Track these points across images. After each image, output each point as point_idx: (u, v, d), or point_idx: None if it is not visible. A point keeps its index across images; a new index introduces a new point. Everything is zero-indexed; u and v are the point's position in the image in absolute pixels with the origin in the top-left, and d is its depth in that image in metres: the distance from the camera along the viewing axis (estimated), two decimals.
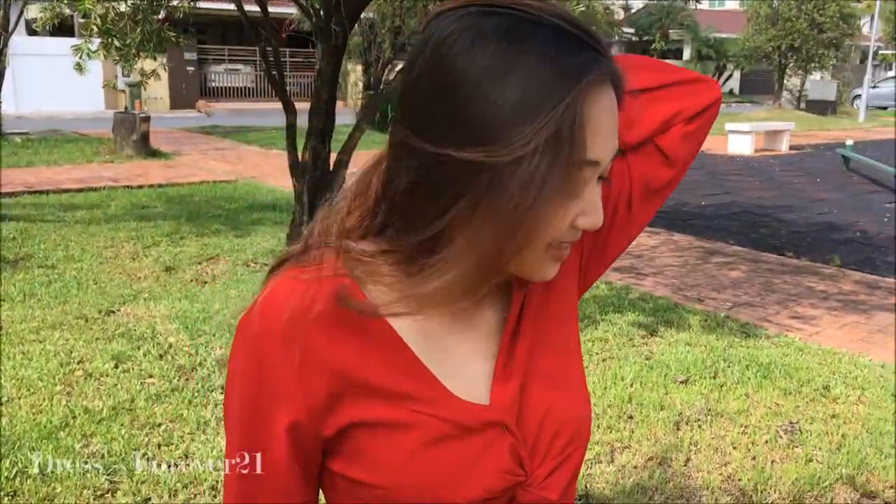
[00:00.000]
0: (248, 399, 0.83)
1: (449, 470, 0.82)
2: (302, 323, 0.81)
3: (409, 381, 0.84)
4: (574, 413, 0.92)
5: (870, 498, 3.48)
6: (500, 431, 0.86)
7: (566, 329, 0.97)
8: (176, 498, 3.20)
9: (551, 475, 0.88)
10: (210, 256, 6.75)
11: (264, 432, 0.83)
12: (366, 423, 0.83)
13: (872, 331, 5.51)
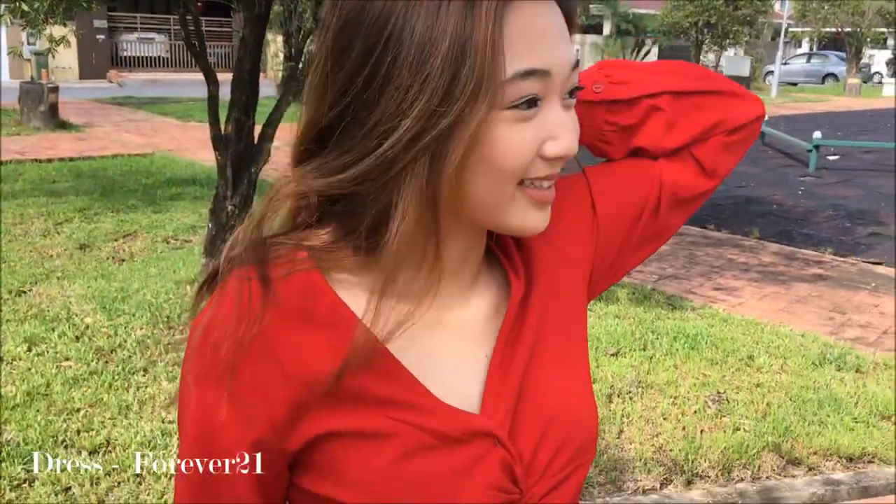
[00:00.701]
0: (204, 414, 0.73)
1: (431, 487, 0.74)
2: (253, 323, 0.72)
3: (386, 384, 0.74)
4: (579, 426, 0.82)
5: (794, 464, 3.57)
6: (490, 444, 0.76)
7: (572, 334, 0.87)
8: (98, 486, 3.05)
9: (550, 494, 0.79)
10: (127, 233, 6.48)
11: (220, 453, 0.74)
12: (336, 434, 0.73)
13: (792, 301, 5.67)
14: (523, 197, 0.75)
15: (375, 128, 0.69)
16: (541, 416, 0.80)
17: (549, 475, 0.79)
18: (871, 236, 7.63)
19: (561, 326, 0.86)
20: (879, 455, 3.64)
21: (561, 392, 0.82)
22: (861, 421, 3.90)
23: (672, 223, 0.97)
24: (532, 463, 0.78)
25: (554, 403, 0.81)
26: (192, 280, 5.15)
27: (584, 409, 0.84)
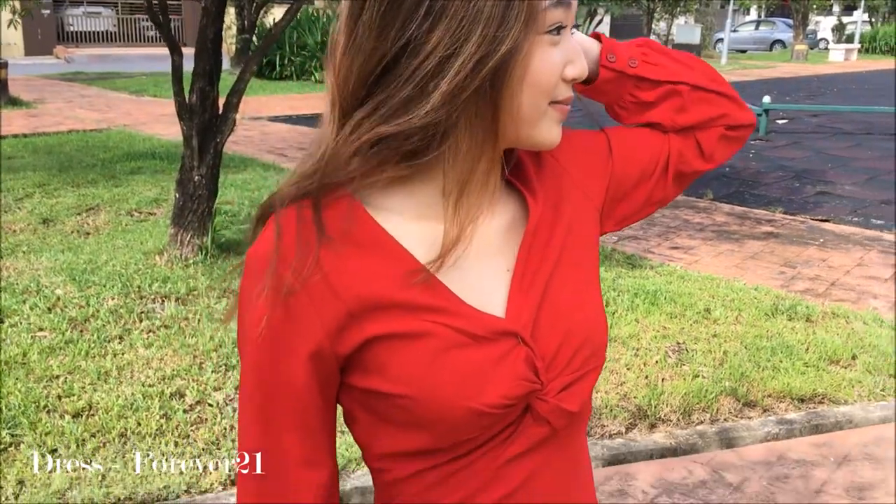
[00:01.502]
0: (262, 328, 0.82)
1: (465, 376, 0.83)
2: (311, 249, 0.82)
3: (423, 294, 0.84)
4: (594, 332, 0.92)
5: (750, 407, 3.77)
6: (515, 342, 0.86)
7: (586, 254, 0.98)
8: (84, 447, 3.13)
9: (568, 389, 0.89)
10: (89, 207, 6.46)
11: (283, 362, 0.83)
12: (382, 337, 0.83)
13: (745, 257, 5.89)
14: (553, 112, 0.88)
15: (440, 57, 0.78)
16: (559, 321, 0.90)
17: (566, 372, 0.89)
18: (818, 195, 7.90)
19: (575, 247, 0.97)
20: (829, 396, 3.86)
21: (576, 302, 0.93)
22: (811, 365, 4.12)
23: (669, 194, 1.10)
24: (552, 360, 0.88)
25: (570, 311, 0.92)
26: (160, 251, 5.18)
27: (597, 318, 0.95)
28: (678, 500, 3.05)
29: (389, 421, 0.87)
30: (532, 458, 0.90)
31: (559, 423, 0.89)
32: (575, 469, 0.96)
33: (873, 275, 5.58)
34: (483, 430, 0.86)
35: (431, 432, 0.85)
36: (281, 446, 0.86)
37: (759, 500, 3.08)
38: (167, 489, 2.94)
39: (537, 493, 0.91)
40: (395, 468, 0.89)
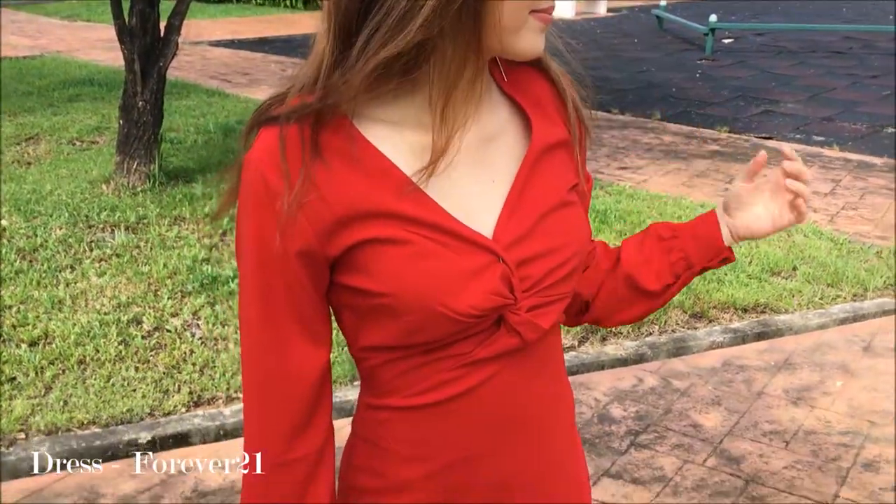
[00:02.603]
0: (260, 230, 0.90)
1: (440, 285, 0.90)
2: (302, 157, 0.88)
3: (409, 205, 0.91)
4: (576, 258, 0.99)
5: (697, 318, 3.92)
6: (493, 259, 0.93)
7: (573, 177, 1.04)
8: (43, 375, 3.13)
9: (542, 307, 0.96)
10: (29, 136, 6.28)
11: (278, 259, 0.91)
12: (367, 242, 0.90)
13: (692, 175, 6.02)
14: (533, 21, 0.91)
15: None
16: (545, 244, 0.97)
17: (543, 293, 0.96)
18: (762, 114, 8.04)
19: (565, 169, 1.03)
20: (771, 305, 4.02)
21: (564, 228, 0.99)
22: (755, 277, 4.27)
23: None
24: (530, 280, 0.95)
25: (557, 236, 0.98)
26: (106, 179, 5.09)
27: (581, 239, 1.01)
28: (629, 407, 3.19)
29: (370, 317, 0.94)
30: (500, 363, 0.97)
31: (530, 336, 0.96)
32: (546, 380, 1.03)
33: (814, 189, 5.74)
34: (454, 333, 0.93)
35: (406, 330, 0.92)
36: (281, 332, 0.94)
37: (704, 403, 3.23)
38: (131, 412, 2.98)
39: (501, 396, 0.98)
40: (373, 357, 0.98)
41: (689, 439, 2.97)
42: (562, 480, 1.09)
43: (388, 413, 0.99)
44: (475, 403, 0.97)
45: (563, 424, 1.09)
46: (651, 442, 2.96)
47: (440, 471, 1.00)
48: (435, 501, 1.01)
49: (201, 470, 2.74)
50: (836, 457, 2.88)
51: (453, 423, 0.98)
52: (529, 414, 1.02)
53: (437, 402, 0.97)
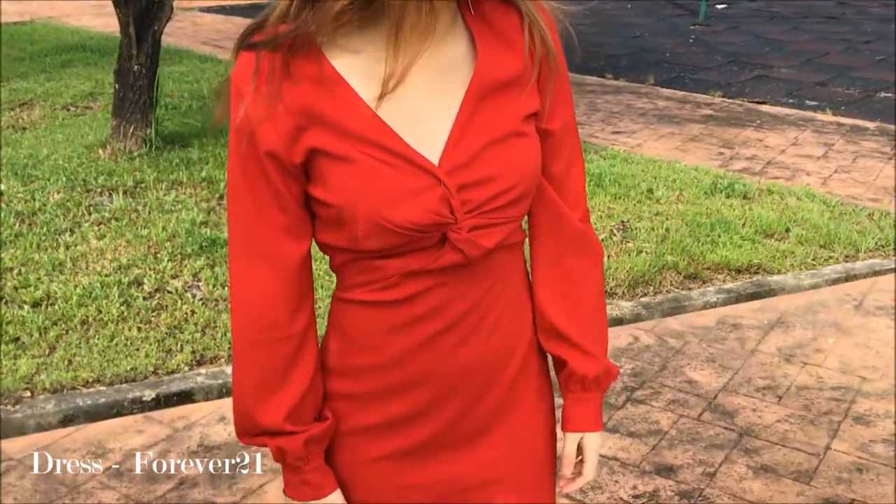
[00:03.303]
0: (238, 134, 1.03)
1: (383, 200, 1.02)
2: (271, 76, 1.01)
3: (362, 126, 1.02)
4: (519, 181, 1.07)
5: (691, 279, 3.97)
6: (434, 181, 1.04)
7: (529, 109, 1.10)
8: (47, 335, 3.16)
9: (486, 228, 1.07)
10: (22, 102, 6.25)
11: (255, 157, 1.04)
12: (323, 152, 1.03)
13: (685, 140, 6.05)
14: None
15: None
16: (486, 167, 1.06)
17: (487, 216, 1.06)
18: (755, 79, 8.05)
19: (516, 106, 1.09)
20: (764, 266, 4.08)
21: (509, 155, 1.07)
22: (748, 239, 4.32)
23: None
24: (472, 202, 1.05)
25: (500, 159, 1.06)
26: (102, 144, 5.09)
27: (527, 168, 1.09)
28: (625, 364, 3.25)
29: (329, 223, 1.08)
30: (447, 275, 1.09)
31: (472, 253, 1.07)
32: (497, 294, 1.14)
33: (807, 153, 5.79)
34: (400, 244, 1.05)
35: (357, 237, 1.06)
36: (266, 216, 1.07)
37: (699, 360, 3.29)
38: (135, 371, 3.02)
39: (450, 302, 1.10)
40: (336, 257, 1.12)
41: (683, 395, 3.04)
42: (505, 380, 1.19)
43: (351, 306, 1.14)
44: (426, 305, 1.10)
45: (516, 334, 1.19)
46: (647, 397, 3.02)
47: (393, 362, 1.13)
48: (388, 388, 1.14)
49: (206, 425, 2.79)
50: (828, 411, 2.95)
51: (405, 321, 1.11)
52: (477, 321, 1.13)
53: (392, 301, 1.10)
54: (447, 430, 1.17)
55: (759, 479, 2.57)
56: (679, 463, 2.65)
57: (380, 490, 1.19)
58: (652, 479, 2.56)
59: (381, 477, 1.19)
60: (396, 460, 1.18)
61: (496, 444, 1.21)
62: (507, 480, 1.22)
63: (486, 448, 1.20)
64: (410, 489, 1.19)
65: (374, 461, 1.18)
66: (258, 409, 1.12)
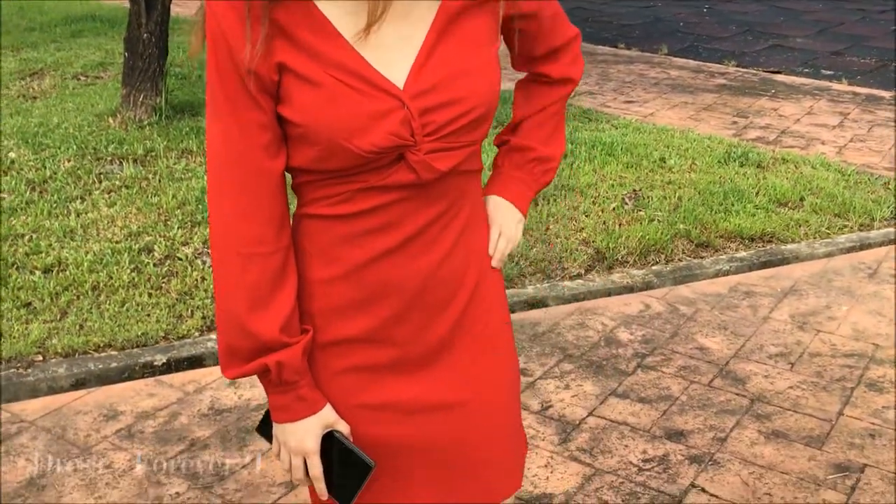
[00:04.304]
0: (214, 50, 1.07)
1: (346, 123, 1.07)
2: (260, 11, 1.05)
3: (333, 50, 1.07)
4: (478, 104, 1.13)
5: (703, 247, 3.94)
6: (398, 104, 1.08)
7: (486, 22, 1.16)
8: (59, 300, 3.17)
9: (441, 152, 1.12)
10: (33, 71, 6.24)
11: (231, 65, 1.07)
12: (293, 72, 1.07)
13: (699, 109, 5.98)
14: None
15: None
16: (449, 91, 1.10)
17: (444, 140, 1.11)
18: (770, 48, 7.96)
19: (481, 32, 1.15)
20: (777, 235, 4.04)
21: (471, 82, 1.12)
22: (761, 208, 4.28)
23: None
24: (431, 126, 1.10)
25: (463, 87, 1.11)
26: (112, 113, 5.07)
27: (487, 92, 1.14)
28: (636, 331, 3.23)
29: (293, 142, 1.12)
30: (401, 193, 1.13)
31: (426, 175, 1.12)
32: (448, 217, 1.19)
33: (822, 122, 5.72)
34: (359, 164, 1.10)
35: (318, 157, 1.11)
36: (250, 133, 1.09)
37: (710, 327, 3.27)
38: (145, 335, 3.02)
39: (400, 217, 1.15)
40: (299, 176, 1.17)
41: (695, 361, 3.02)
42: (462, 299, 1.23)
43: (310, 220, 1.18)
44: (380, 219, 1.15)
45: (474, 253, 1.25)
46: (657, 364, 3.01)
47: (352, 275, 1.17)
48: (349, 303, 1.18)
49: (217, 389, 2.80)
50: (841, 377, 2.93)
51: (360, 232, 1.15)
52: (434, 237, 1.18)
53: (347, 214, 1.15)
54: (407, 348, 1.21)
55: (770, 444, 2.56)
56: (690, 428, 2.64)
57: (337, 407, 1.22)
58: (662, 444, 2.56)
59: (340, 393, 1.22)
60: (355, 378, 1.21)
61: (456, 366, 1.24)
62: (469, 404, 1.25)
63: (446, 370, 1.24)
64: (366, 408, 1.22)
65: (333, 376, 1.21)
66: (255, 323, 1.13)
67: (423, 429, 1.24)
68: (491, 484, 1.30)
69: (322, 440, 1.20)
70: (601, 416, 2.69)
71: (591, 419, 2.67)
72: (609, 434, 2.60)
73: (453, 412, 1.25)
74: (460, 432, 1.25)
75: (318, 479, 1.21)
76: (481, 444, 1.28)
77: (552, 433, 2.60)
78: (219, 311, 1.16)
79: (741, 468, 2.45)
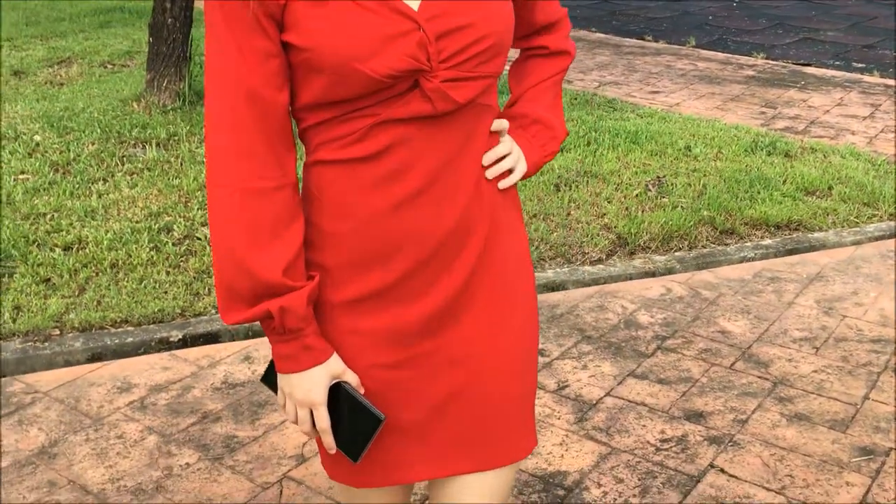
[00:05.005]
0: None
1: (360, 43, 1.02)
2: None
3: None
4: (493, 32, 1.09)
5: (727, 234, 3.87)
6: (414, 26, 1.04)
7: None
8: (77, 276, 3.18)
9: (458, 81, 1.08)
10: (61, 59, 6.30)
11: (239, 11, 1.04)
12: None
13: (726, 100, 5.89)
14: None
15: None
16: (463, 16, 1.07)
17: (460, 68, 1.08)
18: (801, 41, 7.83)
19: None
20: (804, 223, 3.96)
21: (483, 7, 1.09)
22: (788, 196, 4.20)
23: None
24: (448, 51, 1.07)
25: (477, 9, 1.08)
26: (137, 98, 5.10)
27: (500, 21, 1.11)
28: (656, 314, 3.17)
29: (300, 73, 1.07)
30: (414, 127, 1.09)
31: (441, 105, 1.08)
32: (469, 160, 1.15)
33: (853, 113, 5.61)
34: (371, 92, 1.05)
35: (328, 84, 1.05)
36: (253, 62, 1.05)
37: (733, 311, 3.21)
38: (162, 312, 3.02)
39: (414, 158, 1.10)
40: (307, 118, 1.12)
41: (716, 344, 2.96)
42: (477, 234, 1.18)
43: (321, 168, 1.13)
44: (396, 160, 1.09)
45: (490, 195, 1.19)
46: (678, 346, 2.95)
47: (369, 227, 1.12)
48: (364, 258, 1.13)
49: (231, 364, 2.79)
50: (867, 362, 2.85)
51: (376, 177, 1.10)
52: (452, 184, 1.13)
53: (361, 158, 1.10)
54: (422, 302, 1.17)
55: (793, 427, 2.50)
56: (710, 409, 2.58)
57: (350, 367, 1.18)
58: (681, 424, 2.50)
59: (353, 353, 1.18)
60: (370, 336, 1.17)
61: (472, 318, 1.20)
62: (485, 358, 1.21)
63: (462, 323, 1.19)
64: (380, 367, 1.18)
65: (346, 335, 1.17)
66: (255, 260, 1.08)
67: (438, 385, 1.20)
68: (508, 441, 1.25)
69: (329, 392, 1.16)
70: (619, 396, 2.64)
71: (608, 399, 2.62)
72: (626, 414, 2.55)
73: (469, 366, 1.20)
74: (476, 387, 1.21)
75: (326, 433, 1.16)
76: (497, 399, 1.23)
77: (568, 412, 2.55)
78: (216, 250, 1.11)
79: (762, 450, 2.39)
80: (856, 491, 2.22)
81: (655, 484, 2.24)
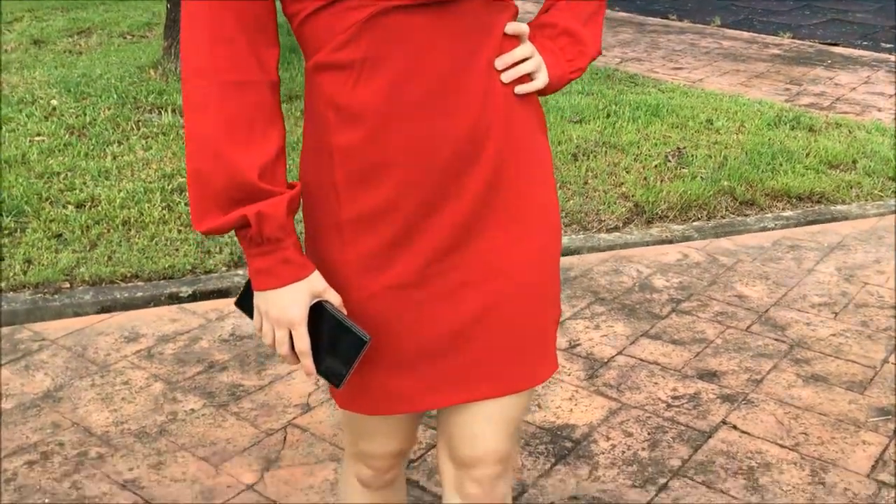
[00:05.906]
0: None
1: None
2: None
3: None
4: None
5: (748, 205, 3.80)
6: None
7: None
8: (89, 233, 3.17)
9: None
10: (80, 30, 6.32)
11: None
12: None
13: (750, 76, 5.80)
14: None
15: None
16: None
17: None
18: (829, 22, 7.69)
19: None
20: (827, 196, 3.88)
21: None
22: (811, 169, 4.12)
23: None
24: None
25: None
26: (154, 65, 5.09)
27: None
28: (672, 279, 3.12)
29: None
30: (414, 17, 1.01)
31: None
32: (474, 55, 1.06)
33: (879, 91, 5.50)
34: None
35: None
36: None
37: (751, 277, 3.14)
38: (173, 268, 3.00)
39: (415, 58, 1.03)
40: (300, 9, 1.04)
41: (732, 308, 2.90)
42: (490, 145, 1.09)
43: (322, 74, 1.06)
44: (400, 58, 1.02)
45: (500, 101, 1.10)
46: (693, 309, 2.89)
47: (373, 132, 1.05)
48: (372, 165, 1.07)
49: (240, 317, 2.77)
50: (887, 327, 2.78)
51: (381, 79, 1.03)
52: (455, 86, 1.05)
53: (363, 59, 1.02)
54: (431, 219, 1.09)
55: (809, 387, 2.44)
56: (724, 369, 2.53)
57: (352, 291, 1.12)
58: (693, 383, 2.45)
59: (355, 276, 1.12)
60: (377, 258, 1.11)
61: (485, 239, 1.12)
62: (497, 279, 1.14)
63: (473, 244, 1.12)
64: (386, 289, 1.12)
65: (347, 257, 1.12)
66: (233, 153, 1.00)
67: (456, 307, 1.12)
68: (529, 364, 1.18)
69: (310, 313, 1.06)
70: (631, 355, 2.59)
71: (620, 357, 2.57)
72: (638, 372, 2.50)
73: (489, 287, 1.12)
74: (497, 309, 1.13)
75: (305, 355, 1.07)
76: (519, 321, 1.15)
77: (579, 369, 2.51)
78: (189, 144, 1.02)
79: (776, 408, 2.34)
80: (872, 450, 2.16)
81: (665, 438, 2.19)
